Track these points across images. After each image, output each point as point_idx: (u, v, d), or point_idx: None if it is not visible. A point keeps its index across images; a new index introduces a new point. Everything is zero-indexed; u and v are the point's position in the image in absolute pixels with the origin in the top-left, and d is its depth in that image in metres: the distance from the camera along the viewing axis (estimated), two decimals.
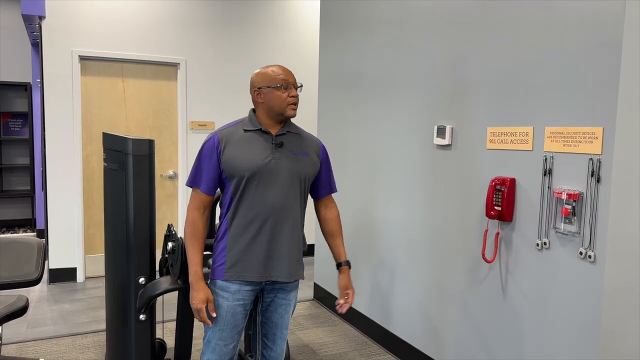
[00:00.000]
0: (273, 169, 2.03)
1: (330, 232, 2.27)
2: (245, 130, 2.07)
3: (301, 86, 2.12)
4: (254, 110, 2.13)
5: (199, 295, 2.00)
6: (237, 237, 2.03)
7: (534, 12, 2.39)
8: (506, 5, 2.55)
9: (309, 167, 2.11)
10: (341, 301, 2.18)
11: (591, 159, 2.13)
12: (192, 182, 2.07)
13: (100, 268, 5.10)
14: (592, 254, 2.13)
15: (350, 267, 2.24)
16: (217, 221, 2.64)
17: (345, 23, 4.02)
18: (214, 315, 2.03)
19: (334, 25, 4.18)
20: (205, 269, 2.21)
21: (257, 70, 2.12)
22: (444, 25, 2.96)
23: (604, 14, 2.08)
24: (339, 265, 2.24)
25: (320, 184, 2.24)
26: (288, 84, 2.05)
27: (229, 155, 2.01)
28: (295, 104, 2.06)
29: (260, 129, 2.07)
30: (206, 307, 2.02)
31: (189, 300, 2.04)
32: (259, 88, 2.06)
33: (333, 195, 4.12)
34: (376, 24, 3.60)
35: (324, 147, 2.23)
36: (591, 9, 2.13)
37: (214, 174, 2.04)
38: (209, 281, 2.09)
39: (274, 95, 2.04)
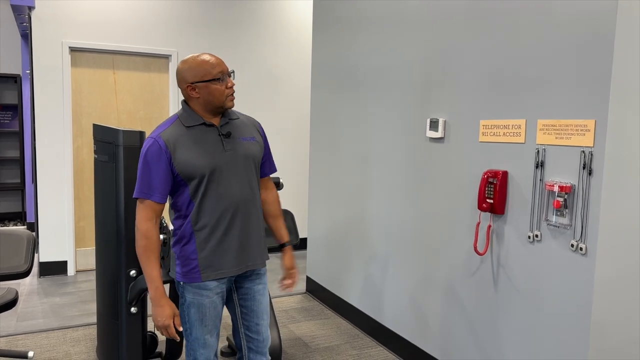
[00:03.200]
0: (230, 161, 1.97)
1: (272, 214, 2.24)
2: (188, 127, 1.93)
3: (233, 72, 2.00)
4: (186, 103, 1.99)
5: (165, 312, 1.91)
6: (206, 237, 1.95)
7: (527, 5, 2.39)
8: None
9: (257, 150, 2.07)
10: (289, 281, 2.22)
11: (583, 151, 2.14)
12: (142, 193, 1.90)
13: (91, 261, 5.07)
14: (583, 246, 2.14)
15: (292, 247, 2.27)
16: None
17: (337, 20, 4.00)
18: (181, 329, 1.96)
19: (327, 21, 4.16)
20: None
21: (186, 62, 1.95)
22: (437, 19, 2.95)
23: (597, 7, 2.08)
24: (282, 246, 2.24)
25: (264, 164, 2.18)
26: (224, 75, 1.94)
27: (183, 157, 1.89)
28: (233, 93, 1.98)
29: (204, 123, 1.95)
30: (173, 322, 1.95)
31: (153, 317, 1.93)
32: (193, 83, 1.91)
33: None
34: (368, 20, 3.58)
35: (261, 126, 2.17)
36: (585, 2, 2.13)
37: (166, 180, 1.89)
38: (182, 284, 1.99)
39: (212, 89, 1.92)
